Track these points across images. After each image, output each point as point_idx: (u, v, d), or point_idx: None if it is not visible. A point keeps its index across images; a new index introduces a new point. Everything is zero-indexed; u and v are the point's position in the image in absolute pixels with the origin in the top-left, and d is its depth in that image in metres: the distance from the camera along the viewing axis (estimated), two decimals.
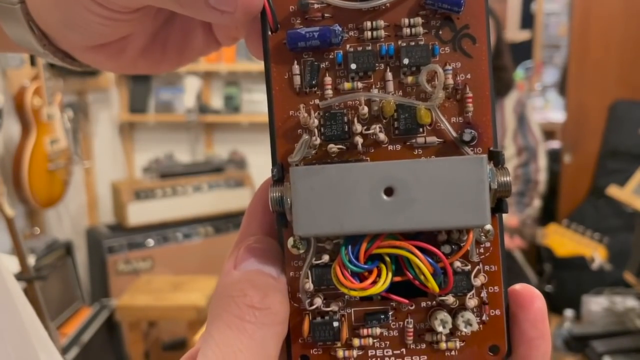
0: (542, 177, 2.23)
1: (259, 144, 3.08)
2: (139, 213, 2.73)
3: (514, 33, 3.74)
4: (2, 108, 1.93)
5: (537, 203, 2.28)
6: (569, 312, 2.19)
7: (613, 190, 2.06)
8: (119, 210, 2.79)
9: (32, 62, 2.22)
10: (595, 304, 2.12)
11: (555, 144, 3.08)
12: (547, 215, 2.95)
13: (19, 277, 1.62)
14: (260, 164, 3.05)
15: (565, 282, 2.46)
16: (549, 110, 3.61)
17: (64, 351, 1.88)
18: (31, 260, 1.81)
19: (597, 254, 1.95)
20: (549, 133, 3.07)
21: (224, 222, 2.89)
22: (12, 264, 1.63)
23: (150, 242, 2.72)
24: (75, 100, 2.73)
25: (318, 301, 0.25)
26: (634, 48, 2.71)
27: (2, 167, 2.16)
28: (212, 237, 2.85)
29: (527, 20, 3.80)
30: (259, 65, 3.00)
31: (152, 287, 2.42)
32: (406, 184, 0.24)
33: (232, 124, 3.13)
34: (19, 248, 1.63)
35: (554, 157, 2.86)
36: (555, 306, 2.33)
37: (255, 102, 3.09)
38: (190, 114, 2.99)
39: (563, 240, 2.07)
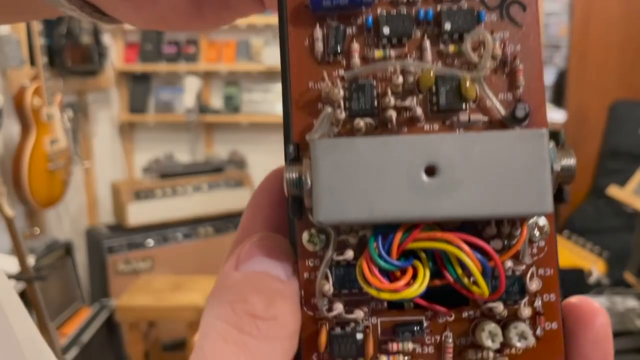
0: None
1: (259, 144, 3.08)
2: (138, 213, 2.73)
3: None
4: (2, 108, 1.93)
5: None
6: None
7: (613, 190, 2.06)
8: (119, 211, 2.79)
9: (32, 62, 2.22)
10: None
11: None
12: None
13: (18, 277, 1.62)
14: (260, 164, 3.06)
15: (566, 282, 2.46)
16: (549, 110, 3.60)
17: (64, 351, 1.87)
18: (31, 260, 1.81)
19: (595, 268, 1.94)
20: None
21: (224, 222, 2.89)
22: (12, 264, 1.63)
23: (150, 242, 2.72)
24: (75, 100, 2.72)
25: (339, 307, 0.21)
26: (634, 48, 2.71)
27: (2, 167, 2.16)
28: (212, 237, 2.85)
29: None
30: (259, 65, 3.00)
31: (152, 287, 2.42)
32: (452, 161, 0.20)
33: (232, 124, 3.13)
34: (19, 248, 1.63)
35: None
36: None
37: (255, 102, 3.09)
38: (190, 114, 2.99)
39: (563, 252, 2.08)
